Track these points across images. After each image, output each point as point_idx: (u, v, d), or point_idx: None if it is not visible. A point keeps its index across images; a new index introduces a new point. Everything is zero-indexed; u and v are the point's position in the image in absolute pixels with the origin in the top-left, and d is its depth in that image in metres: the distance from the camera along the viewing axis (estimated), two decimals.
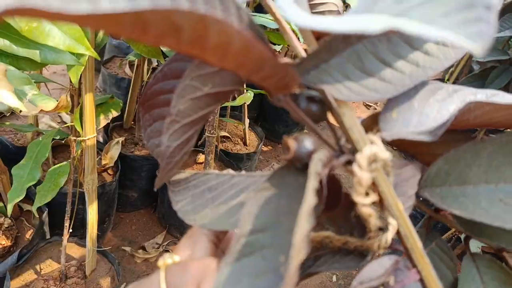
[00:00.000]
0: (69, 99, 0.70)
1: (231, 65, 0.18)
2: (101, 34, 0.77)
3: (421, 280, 0.25)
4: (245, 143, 1.65)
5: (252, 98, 1.27)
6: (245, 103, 1.27)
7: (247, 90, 1.27)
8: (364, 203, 0.25)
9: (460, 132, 0.28)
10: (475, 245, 0.35)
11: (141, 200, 1.57)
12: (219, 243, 0.30)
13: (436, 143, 0.28)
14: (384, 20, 0.15)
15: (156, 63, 1.54)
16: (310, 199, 0.20)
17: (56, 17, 0.11)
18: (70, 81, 0.76)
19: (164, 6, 0.13)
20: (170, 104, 0.26)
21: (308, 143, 0.25)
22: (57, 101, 0.68)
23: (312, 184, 0.21)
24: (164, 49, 0.87)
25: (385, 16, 0.16)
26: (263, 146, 1.81)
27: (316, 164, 0.22)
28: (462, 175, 0.26)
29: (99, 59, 0.63)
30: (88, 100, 0.80)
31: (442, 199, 0.26)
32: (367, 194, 0.25)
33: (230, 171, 0.31)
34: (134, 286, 0.26)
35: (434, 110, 0.26)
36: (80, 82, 0.79)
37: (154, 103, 0.31)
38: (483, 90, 0.27)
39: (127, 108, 1.48)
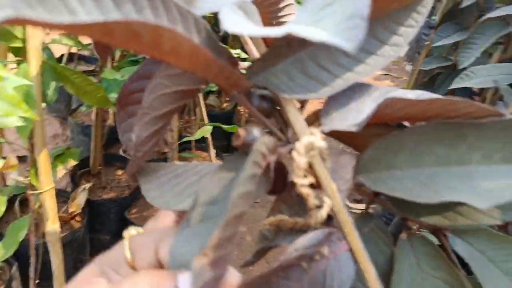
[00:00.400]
0: (15, 157, 0.75)
1: (185, 65, 0.23)
2: (50, 92, 0.82)
3: (351, 250, 0.29)
4: None
5: (211, 131, 1.31)
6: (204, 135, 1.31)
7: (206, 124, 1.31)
8: (302, 183, 0.29)
9: (390, 125, 0.33)
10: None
11: (113, 242, 1.56)
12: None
13: (371, 135, 0.33)
14: (288, 28, 0.19)
15: None
16: (249, 168, 0.24)
17: (43, 25, 0.16)
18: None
19: (125, 19, 0.18)
20: (142, 101, 0.31)
21: (256, 132, 0.29)
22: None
23: (252, 157, 0.25)
24: (113, 95, 0.90)
25: (296, 25, 0.21)
26: None
27: (259, 145, 0.27)
28: (391, 161, 0.30)
29: (37, 119, 0.68)
30: (42, 155, 0.85)
31: (374, 182, 0.31)
32: (305, 176, 0.29)
33: (195, 162, 0.36)
34: (101, 257, 0.30)
35: (368, 107, 0.31)
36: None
37: (129, 101, 0.35)
38: (416, 91, 0.32)
39: (92, 154, 1.50)
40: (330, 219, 0.32)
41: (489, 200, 0.26)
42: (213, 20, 1.24)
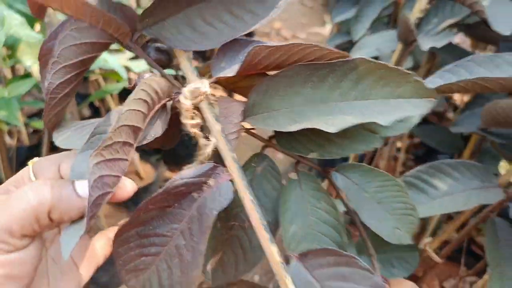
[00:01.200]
0: None
1: (69, 11, 0.27)
2: None
3: (231, 181, 0.34)
4: (140, 177, 1.58)
5: None
6: None
7: None
8: (191, 123, 0.34)
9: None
10: None
11: None
12: None
13: (256, 84, 0.37)
14: None
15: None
16: (137, 92, 0.29)
17: None
18: None
19: None
20: None
21: (147, 75, 0.34)
22: None
23: (140, 86, 0.29)
24: (2, 113, 0.82)
25: None
26: (169, 173, 1.78)
27: (148, 79, 0.31)
28: (269, 104, 0.35)
29: None
30: None
31: (257, 123, 0.35)
32: (192, 118, 0.34)
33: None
34: (7, 180, 0.32)
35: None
36: None
37: (50, 58, 0.39)
38: None
39: (3, 177, 1.43)
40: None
41: (338, 126, 0.31)
42: None
